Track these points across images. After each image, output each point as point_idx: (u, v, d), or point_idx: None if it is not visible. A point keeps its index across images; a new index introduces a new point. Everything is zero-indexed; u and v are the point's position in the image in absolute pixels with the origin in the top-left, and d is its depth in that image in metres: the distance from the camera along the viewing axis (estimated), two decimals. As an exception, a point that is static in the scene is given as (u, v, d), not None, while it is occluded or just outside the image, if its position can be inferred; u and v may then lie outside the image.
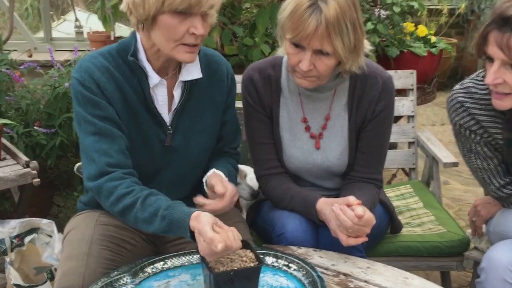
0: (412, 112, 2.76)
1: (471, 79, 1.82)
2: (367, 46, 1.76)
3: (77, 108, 1.59)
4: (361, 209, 1.54)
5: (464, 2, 5.55)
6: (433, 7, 5.25)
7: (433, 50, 3.55)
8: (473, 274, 2.23)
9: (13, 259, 2.22)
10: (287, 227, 1.75)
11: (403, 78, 2.77)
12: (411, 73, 2.77)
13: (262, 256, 1.54)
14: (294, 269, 1.53)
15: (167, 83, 1.66)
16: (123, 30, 3.97)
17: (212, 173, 1.69)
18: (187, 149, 1.71)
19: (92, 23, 3.98)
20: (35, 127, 2.81)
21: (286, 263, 1.56)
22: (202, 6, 1.48)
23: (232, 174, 1.78)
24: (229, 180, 1.68)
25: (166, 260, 1.57)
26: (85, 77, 1.58)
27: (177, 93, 1.68)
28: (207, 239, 1.34)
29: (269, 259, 1.58)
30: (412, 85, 2.76)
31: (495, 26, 1.55)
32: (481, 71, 1.80)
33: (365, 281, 1.51)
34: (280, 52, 1.81)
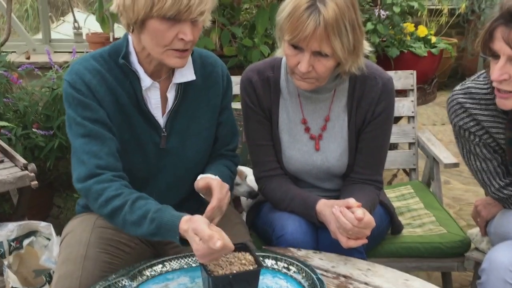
0: (412, 112, 2.76)
1: (472, 80, 1.81)
2: (367, 47, 1.74)
3: (68, 110, 1.59)
4: (361, 212, 1.53)
5: (464, 2, 5.55)
6: (433, 7, 5.25)
7: (433, 50, 3.55)
8: (474, 274, 2.23)
9: (11, 262, 2.21)
10: (287, 228, 1.74)
11: (403, 78, 2.76)
12: (411, 74, 2.76)
13: (261, 259, 1.53)
14: (294, 272, 1.52)
15: (160, 86, 1.65)
16: (123, 31, 3.95)
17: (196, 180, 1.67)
18: (183, 151, 1.70)
19: (91, 24, 3.96)
20: (33, 129, 2.80)
21: (285, 265, 1.55)
22: (191, 13, 1.46)
23: (226, 176, 1.76)
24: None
25: (165, 263, 1.56)
26: (76, 80, 1.57)
27: (170, 95, 1.67)
28: (205, 236, 1.33)
29: (269, 262, 1.57)
30: (412, 85, 2.76)
31: (502, 22, 1.54)
32: (481, 72, 1.80)
33: (365, 283, 1.51)
34: (278, 53, 1.81)
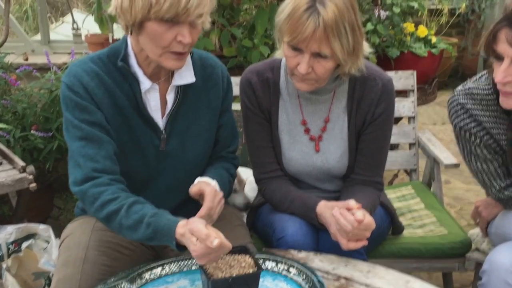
0: (412, 113, 2.75)
1: (473, 81, 1.81)
2: (366, 49, 1.74)
3: (65, 113, 1.58)
4: (361, 213, 1.53)
5: (464, 2, 5.55)
6: (433, 7, 5.25)
7: (433, 50, 3.55)
8: (474, 275, 2.23)
9: (10, 265, 2.20)
10: (287, 230, 1.74)
11: (403, 79, 2.75)
12: (411, 74, 2.75)
13: (261, 262, 1.52)
14: (294, 274, 1.52)
15: (160, 88, 1.64)
16: (122, 32, 3.93)
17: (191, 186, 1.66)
18: (182, 153, 1.69)
19: (90, 25, 3.95)
20: (32, 131, 2.78)
21: (286, 267, 1.54)
22: (189, 15, 1.45)
23: (225, 180, 1.75)
24: (220, 187, 1.66)
25: (164, 266, 1.55)
26: (74, 82, 1.56)
27: (170, 97, 1.66)
28: (202, 235, 1.32)
29: (269, 264, 1.56)
30: (412, 86, 2.75)
31: (506, 24, 1.53)
32: (483, 73, 1.79)
33: (366, 285, 1.50)
34: (278, 54, 1.80)
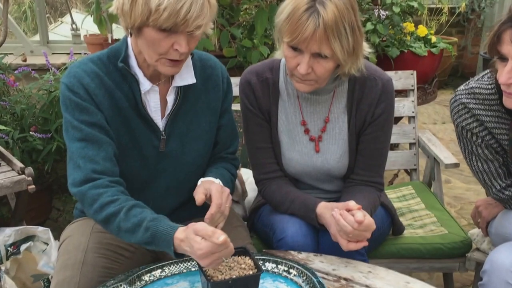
0: (412, 112, 2.74)
1: (475, 80, 1.80)
2: (366, 49, 1.73)
3: (65, 114, 1.57)
4: (361, 214, 1.52)
5: (464, 1, 5.55)
6: (433, 6, 5.25)
7: (433, 50, 3.54)
8: (475, 275, 2.22)
9: (9, 267, 2.20)
10: (287, 231, 1.73)
11: (403, 78, 2.75)
12: (411, 74, 2.75)
13: (261, 263, 1.52)
14: (295, 275, 1.51)
15: (160, 89, 1.64)
16: (121, 32, 3.92)
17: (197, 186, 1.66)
18: (182, 154, 1.69)
19: (89, 25, 3.94)
20: (31, 132, 2.78)
21: (286, 268, 1.54)
22: (188, 26, 1.44)
23: (227, 179, 1.75)
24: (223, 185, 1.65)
25: (164, 268, 1.55)
26: (74, 83, 1.55)
27: (170, 98, 1.65)
28: (209, 232, 1.32)
29: (269, 265, 1.55)
30: (412, 85, 2.75)
31: (511, 25, 1.52)
32: (485, 72, 1.79)
33: (366, 286, 1.50)
34: (277, 55, 1.79)
